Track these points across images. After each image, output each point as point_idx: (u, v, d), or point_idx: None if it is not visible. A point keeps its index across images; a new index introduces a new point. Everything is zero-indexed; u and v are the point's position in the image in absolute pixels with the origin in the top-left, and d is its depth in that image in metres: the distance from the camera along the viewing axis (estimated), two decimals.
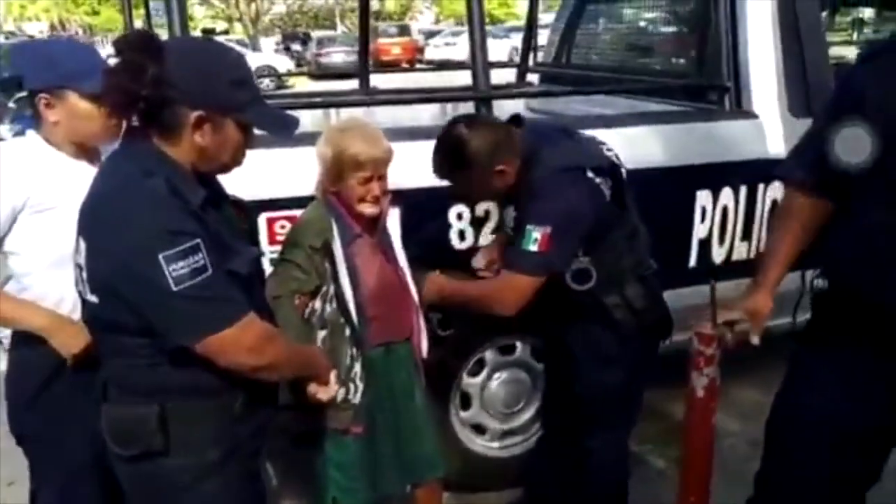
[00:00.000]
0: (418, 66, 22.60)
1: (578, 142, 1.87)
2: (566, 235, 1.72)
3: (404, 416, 1.96)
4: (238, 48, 1.74)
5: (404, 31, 26.62)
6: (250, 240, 1.54)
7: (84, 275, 1.24)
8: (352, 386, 1.82)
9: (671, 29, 3.39)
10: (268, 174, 1.94)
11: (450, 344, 2.20)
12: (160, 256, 1.13)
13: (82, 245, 1.23)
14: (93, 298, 1.24)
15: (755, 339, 1.54)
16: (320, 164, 1.80)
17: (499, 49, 17.43)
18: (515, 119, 1.89)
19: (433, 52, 24.70)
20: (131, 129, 1.25)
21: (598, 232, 1.78)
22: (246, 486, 1.40)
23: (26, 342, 1.62)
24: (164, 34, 1.76)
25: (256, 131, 1.34)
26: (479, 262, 2.12)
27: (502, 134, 1.80)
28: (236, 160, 1.33)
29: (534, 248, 1.69)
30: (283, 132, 1.34)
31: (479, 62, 2.24)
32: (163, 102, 1.19)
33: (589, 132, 2.00)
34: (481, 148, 1.75)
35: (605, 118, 2.61)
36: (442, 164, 1.82)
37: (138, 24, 3.57)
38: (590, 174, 1.74)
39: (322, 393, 1.52)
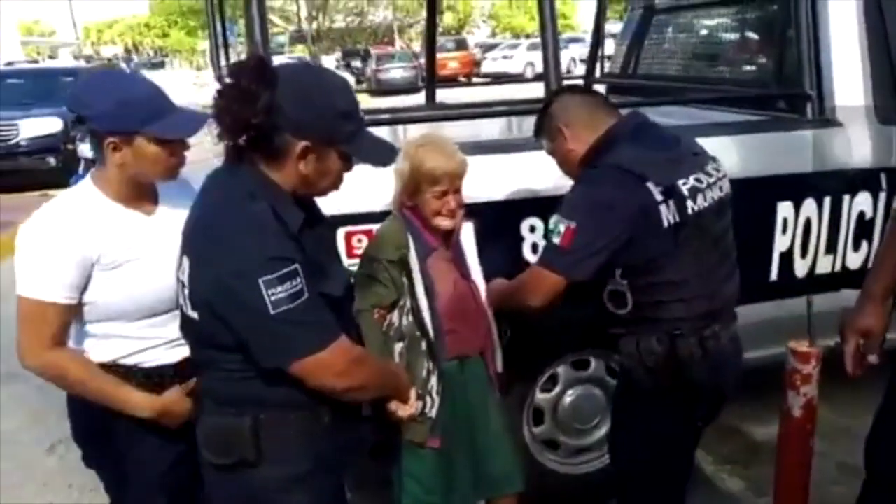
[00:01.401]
0: (476, 79, 22.69)
1: (672, 153, 1.64)
2: (591, 237, 1.54)
3: (480, 430, 1.94)
4: (338, 73, 1.70)
5: (461, 45, 26.84)
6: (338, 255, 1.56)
7: (186, 291, 1.28)
8: (428, 399, 1.82)
9: (747, 35, 3.30)
10: (346, 190, 1.97)
11: (522, 358, 2.18)
12: (260, 281, 1.16)
13: (185, 263, 1.28)
14: (193, 314, 1.28)
15: (873, 358, 1.46)
16: (397, 179, 1.83)
17: None
18: (633, 111, 1.78)
19: (490, 66, 24.82)
20: (237, 149, 1.27)
21: (638, 260, 1.57)
22: (333, 500, 1.42)
23: None
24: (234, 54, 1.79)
25: None
26: None
27: (588, 102, 1.75)
28: (335, 186, 1.36)
29: (557, 240, 1.57)
30: (383, 162, 1.36)
31: (551, 74, 2.23)
32: (272, 130, 1.22)
33: None
34: (556, 105, 1.75)
35: (683, 129, 2.55)
36: (536, 120, 1.83)
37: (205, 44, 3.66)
38: (651, 186, 1.53)
39: (402, 411, 1.53)
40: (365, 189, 2.03)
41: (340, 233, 2.02)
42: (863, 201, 2.52)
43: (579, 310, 1.74)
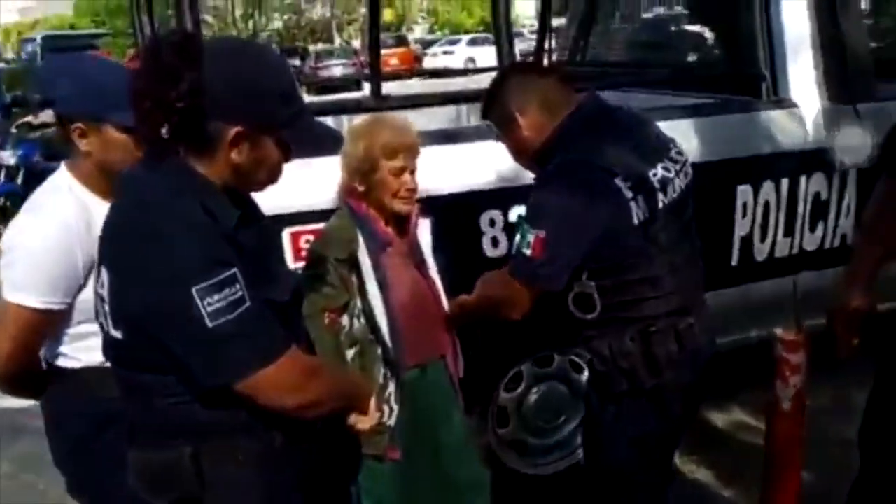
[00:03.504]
0: (417, 75, 22.59)
1: (637, 140, 1.53)
2: (562, 247, 1.43)
3: (443, 438, 1.83)
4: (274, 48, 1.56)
5: (401, 41, 26.63)
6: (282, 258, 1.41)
7: (107, 307, 1.11)
8: (386, 408, 1.71)
9: (697, 18, 3.27)
10: (290, 185, 1.82)
11: (484, 358, 2.07)
12: (194, 290, 1.01)
13: (104, 275, 1.11)
14: (116, 334, 1.12)
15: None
16: (345, 166, 1.70)
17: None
18: (592, 94, 1.64)
19: (431, 62, 24.72)
20: (156, 141, 1.10)
21: (609, 261, 1.47)
22: None
23: (63, 392, 1.50)
24: None
25: None
26: None
27: (545, 84, 1.56)
28: (273, 178, 1.20)
29: (527, 251, 1.43)
30: (327, 149, 1.22)
31: (505, 64, 2.15)
32: (199, 115, 1.07)
33: None
34: (507, 86, 1.57)
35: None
36: (483, 99, 1.65)
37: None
38: (620, 183, 1.42)
39: (363, 423, 1.40)
40: (311, 183, 1.88)
41: (285, 234, 1.86)
42: (818, 181, 2.50)
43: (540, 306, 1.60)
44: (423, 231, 1.83)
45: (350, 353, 1.69)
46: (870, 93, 2.57)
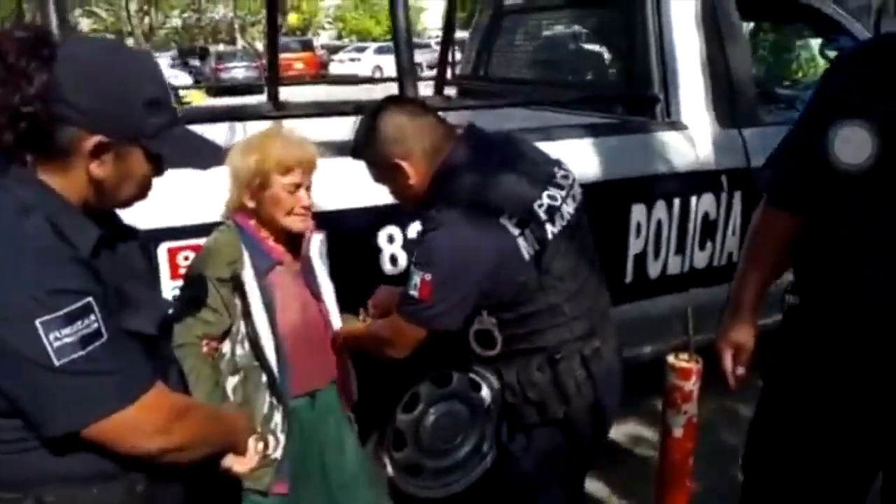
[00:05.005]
0: (324, 80, 22.28)
1: (520, 170, 1.50)
2: (450, 290, 1.40)
3: (335, 468, 1.73)
4: (147, 52, 1.40)
5: (307, 45, 26.23)
6: (153, 280, 1.27)
7: None
8: (272, 439, 1.59)
9: (597, 39, 3.34)
10: (168, 197, 1.68)
11: (381, 381, 1.99)
12: (38, 323, 0.89)
13: None
14: None
15: (741, 370, 1.43)
16: (234, 179, 1.58)
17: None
18: (469, 127, 1.60)
19: (337, 68, 24.47)
20: (3, 150, 0.97)
21: (505, 297, 1.45)
22: None
23: None
24: None
25: None
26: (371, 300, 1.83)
27: (424, 124, 1.50)
28: (142, 193, 1.09)
29: (415, 293, 1.41)
30: (203, 164, 1.11)
31: (406, 74, 2.09)
32: (50, 122, 0.94)
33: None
34: (385, 130, 1.49)
35: (536, 131, 2.48)
36: (354, 139, 1.58)
37: None
38: (505, 221, 1.41)
39: (239, 465, 1.28)
40: (192, 195, 1.75)
41: (162, 250, 1.72)
42: (708, 202, 2.59)
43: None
44: (319, 248, 1.73)
45: (232, 382, 1.57)
46: (755, 118, 2.70)
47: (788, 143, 1.43)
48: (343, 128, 3.02)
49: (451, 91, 3.95)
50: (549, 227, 1.45)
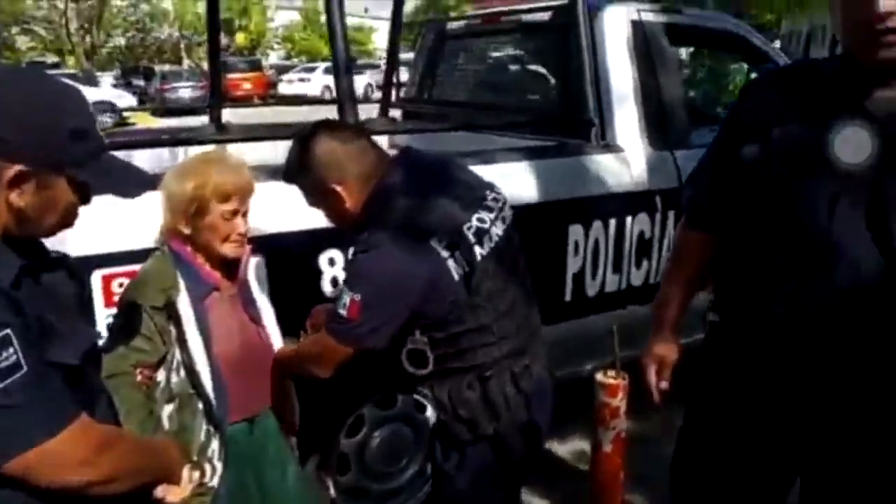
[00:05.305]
0: (271, 101, 22.08)
1: (450, 194, 1.53)
2: (379, 310, 1.43)
3: (276, 494, 1.71)
4: (71, 83, 1.36)
5: (255, 65, 25.96)
6: (83, 308, 1.25)
7: None
8: (208, 467, 1.56)
9: (534, 64, 3.42)
10: (102, 223, 1.65)
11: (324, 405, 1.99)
12: None
13: None
14: None
15: (664, 384, 1.47)
16: (170, 206, 1.56)
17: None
18: (404, 150, 1.64)
19: (286, 88, 24.29)
20: None
21: (435, 317, 1.47)
22: None
23: None
24: None
25: None
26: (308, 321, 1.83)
27: (356, 149, 1.53)
28: (67, 222, 1.07)
29: (343, 312, 1.43)
30: (128, 192, 1.11)
31: (345, 97, 2.11)
32: None
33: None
34: (319, 155, 1.51)
35: (476, 154, 2.53)
36: (286, 164, 1.59)
37: None
38: (435, 244, 1.43)
39: (172, 495, 1.26)
40: (126, 221, 1.72)
41: (96, 277, 1.69)
42: (642, 221, 2.67)
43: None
44: (257, 272, 1.72)
45: (168, 410, 1.54)
46: (686, 140, 2.81)
47: (702, 165, 1.51)
48: (285, 150, 3.02)
49: (396, 113, 4.00)
50: (477, 250, 1.48)
